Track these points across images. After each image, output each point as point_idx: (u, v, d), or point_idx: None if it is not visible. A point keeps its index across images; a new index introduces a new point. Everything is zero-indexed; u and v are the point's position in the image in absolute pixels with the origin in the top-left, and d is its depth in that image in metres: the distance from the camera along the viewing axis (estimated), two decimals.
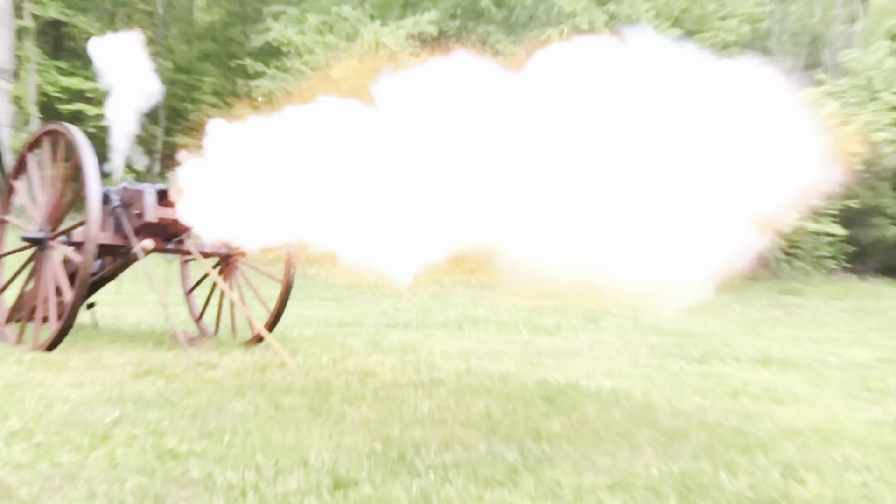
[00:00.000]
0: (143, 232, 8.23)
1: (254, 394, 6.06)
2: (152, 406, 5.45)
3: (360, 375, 7.11)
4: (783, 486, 4.48)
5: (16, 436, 4.61)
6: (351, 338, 9.74)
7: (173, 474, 4.11)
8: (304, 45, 23.76)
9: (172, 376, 6.58)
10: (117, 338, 8.84)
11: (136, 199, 8.19)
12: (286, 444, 4.72)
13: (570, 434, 5.32)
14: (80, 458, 4.26)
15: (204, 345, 8.60)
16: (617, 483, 4.35)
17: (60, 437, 4.60)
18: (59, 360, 7.06)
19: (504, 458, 4.67)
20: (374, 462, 4.49)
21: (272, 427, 5.11)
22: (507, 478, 4.34)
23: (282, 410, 5.61)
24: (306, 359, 7.85)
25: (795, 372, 8.84)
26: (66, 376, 6.35)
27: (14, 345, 7.98)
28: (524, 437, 5.19)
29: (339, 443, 4.84)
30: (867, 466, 4.90)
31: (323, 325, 11.57)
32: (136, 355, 7.53)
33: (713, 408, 6.47)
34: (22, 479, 3.94)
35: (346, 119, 5.27)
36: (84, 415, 5.13)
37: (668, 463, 4.73)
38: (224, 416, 5.33)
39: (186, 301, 10.21)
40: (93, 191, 7.42)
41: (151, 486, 3.95)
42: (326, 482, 4.14)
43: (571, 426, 5.56)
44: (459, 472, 4.36)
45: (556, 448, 4.97)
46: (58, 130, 8.19)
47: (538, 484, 4.26)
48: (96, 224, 7.36)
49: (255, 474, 4.17)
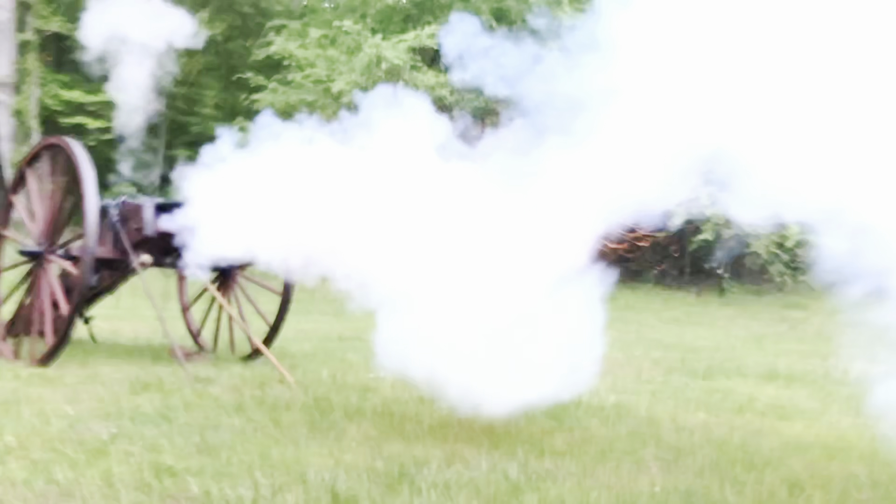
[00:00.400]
0: (142, 246, 8.19)
1: (252, 410, 6.01)
2: (149, 422, 5.41)
3: (361, 391, 7.05)
4: (789, 502, 4.42)
5: (11, 452, 4.56)
6: (351, 353, 9.67)
7: (170, 491, 4.06)
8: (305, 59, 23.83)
9: (170, 392, 6.53)
10: (114, 353, 8.80)
11: (135, 214, 8.16)
12: (285, 461, 4.66)
13: (574, 450, 5.26)
14: (77, 474, 4.20)
15: (202, 360, 8.54)
16: (621, 500, 4.29)
17: (56, 454, 4.54)
18: (55, 375, 7.01)
19: (507, 475, 4.61)
20: (375, 479, 4.43)
21: (271, 443, 5.06)
22: (510, 495, 4.28)
23: (280, 427, 5.55)
24: (305, 374, 7.81)
25: (801, 387, 8.78)
26: (62, 391, 6.30)
27: (11, 360, 7.92)
28: (527, 453, 5.13)
29: (338, 459, 4.78)
30: (874, 483, 4.84)
31: (322, 340, 11.51)
32: (133, 370, 7.48)
33: (718, 423, 6.41)
34: (17, 495, 3.89)
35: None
36: (80, 431, 5.08)
37: (673, 479, 4.68)
38: (222, 432, 5.28)
39: (184, 316, 10.15)
40: (91, 204, 7.38)
41: (148, 502, 3.91)
42: (326, 499, 4.08)
43: (575, 442, 5.50)
44: (461, 489, 4.30)
45: (559, 465, 4.91)
46: (57, 144, 8.16)
47: (541, 501, 4.21)
48: (94, 238, 7.32)
49: (254, 491, 4.11)
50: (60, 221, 8.07)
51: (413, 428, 5.71)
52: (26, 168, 8.60)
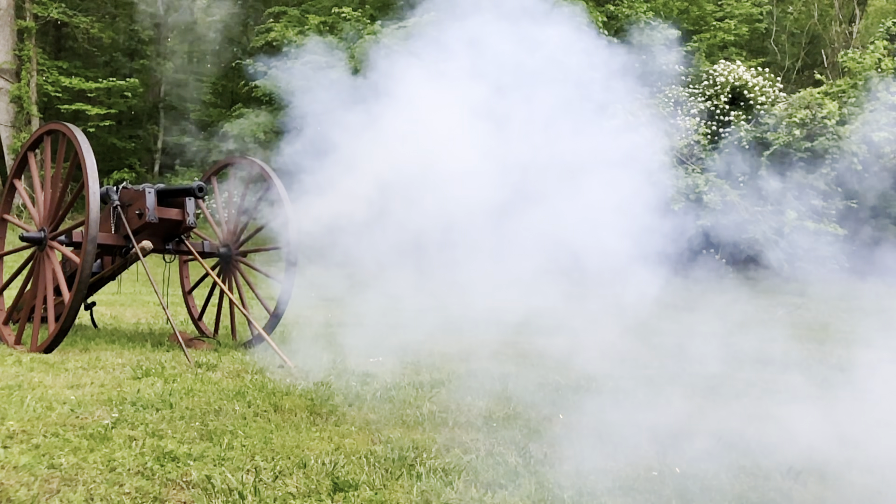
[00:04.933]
0: (143, 232, 8.21)
1: (253, 395, 6.03)
2: (151, 407, 5.43)
3: (360, 377, 7.08)
4: (786, 487, 4.46)
5: (14, 437, 4.58)
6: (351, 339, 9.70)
7: (172, 476, 4.09)
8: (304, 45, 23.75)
9: (171, 377, 6.56)
10: (116, 338, 8.82)
11: (137, 199, 8.17)
12: (286, 447, 4.70)
13: (572, 436, 5.29)
14: (79, 459, 4.23)
15: (203, 346, 8.57)
16: (618, 484, 4.33)
17: (59, 439, 4.57)
18: (57, 360, 7.02)
19: (505, 460, 4.65)
20: (374, 464, 4.46)
21: (271, 429, 5.09)
22: (509, 480, 4.32)
23: (281, 412, 5.58)
24: (306, 360, 7.82)
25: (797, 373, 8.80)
26: (64, 377, 6.32)
27: (13, 346, 7.94)
28: (525, 438, 5.17)
29: (338, 445, 4.81)
30: (870, 468, 4.87)
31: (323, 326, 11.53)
32: (134, 356, 7.50)
33: (716, 409, 6.44)
34: (20, 480, 3.92)
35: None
36: (83, 416, 5.10)
37: (671, 465, 4.71)
38: (223, 417, 5.31)
39: (185, 302, 10.18)
40: (92, 190, 7.39)
41: (150, 488, 3.94)
42: (326, 484, 4.12)
43: (573, 428, 5.53)
44: (460, 474, 4.34)
45: (557, 450, 4.94)
46: (58, 130, 8.17)
47: (539, 486, 4.24)
48: (95, 224, 7.32)
49: (255, 477, 4.15)
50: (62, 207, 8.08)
51: (412, 413, 5.75)
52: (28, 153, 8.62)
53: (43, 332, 7.96)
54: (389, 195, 6.93)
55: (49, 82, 28.18)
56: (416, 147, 6.67)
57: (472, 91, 6.66)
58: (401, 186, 6.80)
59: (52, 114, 28.30)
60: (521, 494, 4.13)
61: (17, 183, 8.79)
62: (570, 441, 5.14)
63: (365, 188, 6.98)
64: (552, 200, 6.78)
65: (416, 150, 6.66)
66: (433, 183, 6.61)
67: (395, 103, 6.92)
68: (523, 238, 6.63)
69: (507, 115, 6.68)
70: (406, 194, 6.82)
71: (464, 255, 6.84)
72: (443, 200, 6.59)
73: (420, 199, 6.73)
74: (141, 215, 8.10)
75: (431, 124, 6.66)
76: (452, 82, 6.75)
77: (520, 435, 5.26)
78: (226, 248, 9.22)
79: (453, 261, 6.88)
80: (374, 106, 7.07)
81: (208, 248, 9.11)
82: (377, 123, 7.00)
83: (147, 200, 8.10)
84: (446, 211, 6.61)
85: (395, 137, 6.80)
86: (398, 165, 6.74)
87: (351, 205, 7.11)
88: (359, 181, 7.03)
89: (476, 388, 6.77)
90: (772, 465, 4.82)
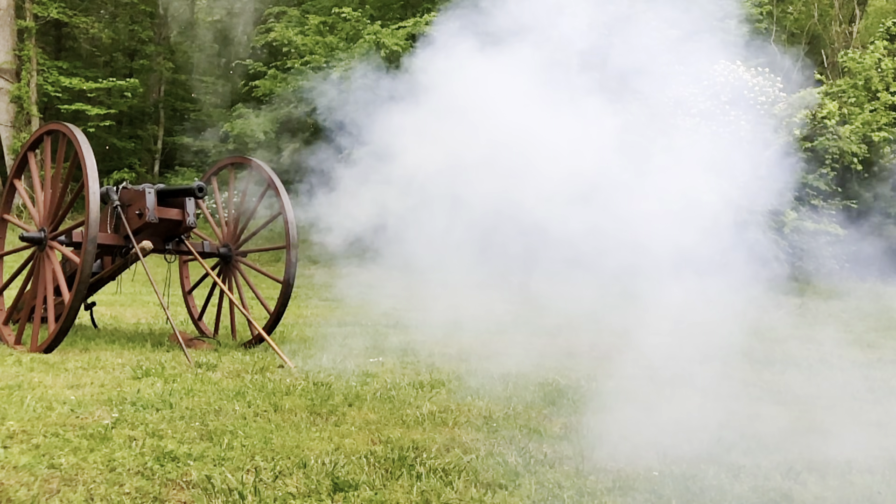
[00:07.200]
0: (143, 232, 8.22)
1: (253, 395, 6.03)
2: (151, 407, 5.42)
3: (360, 377, 7.08)
4: (786, 487, 4.45)
5: (14, 437, 4.58)
6: (351, 339, 9.70)
7: (172, 476, 4.09)
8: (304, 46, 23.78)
9: (171, 377, 6.56)
10: (116, 338, 8.82)
11: (137, 199, 8.18)
12: (286, 447, 4.69)
13: (572, 436, 5.30)
14: (79, 459, 4.23)
15: (203, 346, 8.57)
16: (618, 484, 4.33)
17: (59, 439, 4.57)
18: (57, 360, 7.03)
19: (505, 460, 4.65)
20: (374, 464, 4.46)
21: (271, 429, 5.09)
22: (509, 480, 4.31)
23: (281, 412, 5.58)
24: (306, 360, 7.83)
25: (797, 373, 8.80)
26: (64, 377, 6.32)
27: (13, 346, 7.94)
28: (525, 438, 5.17)
29: (338, 445, 4.81)
30: (870, 469, 4.87)
31: (322, 326, 11.54)
32: (134, 356, 7.50)
33: (715, 409, 6.43)
34: (20, 480, 3.92)
35: None
36: (83, 416, 5.10)
37: (670, 465, 4.71)
38: (223, 417, 5.31)
39: (185, 302, 10.19)
40: (92, 190, 7.39)
41: (150, 488, 3.94)
42: (326, 484, 4.12)
43: (572, 428, 5.53)
44: (460, 474, 4.34)
45: (557, 450, 4.94)
46: (58, 130, 8.17)
47: (539, 486, 4.24)
48: (95, 224, 7.32)
49: (255, 477, 4.15)
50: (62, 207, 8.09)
51: (412, 413, 5.74)
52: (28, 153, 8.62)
53: (43, 332, 7.96)
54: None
55: (49, 82, 28.18)
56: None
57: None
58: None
59: (52, 114, 28.31)
60: (521, 494, 4.13)
61: (17, 183, 8.79)
62: (571, 441, 5.15)
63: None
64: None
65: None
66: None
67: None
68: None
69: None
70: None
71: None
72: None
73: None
74: (141, 215, 8.11)
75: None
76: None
77: (520, 435, 5.26)
78: (226, 248, 9.25)
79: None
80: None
81: (208, 248, 9.13)
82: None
83: (147, 200, 8.11)
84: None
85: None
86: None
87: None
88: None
89: (476, 388, 6.78)
90: (772, 465, 4.81)
